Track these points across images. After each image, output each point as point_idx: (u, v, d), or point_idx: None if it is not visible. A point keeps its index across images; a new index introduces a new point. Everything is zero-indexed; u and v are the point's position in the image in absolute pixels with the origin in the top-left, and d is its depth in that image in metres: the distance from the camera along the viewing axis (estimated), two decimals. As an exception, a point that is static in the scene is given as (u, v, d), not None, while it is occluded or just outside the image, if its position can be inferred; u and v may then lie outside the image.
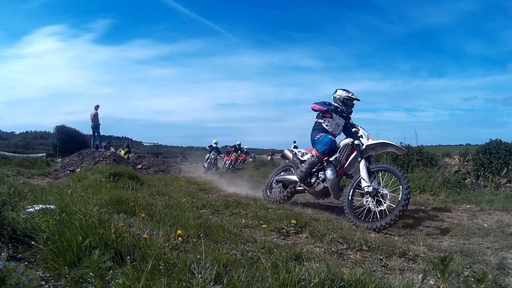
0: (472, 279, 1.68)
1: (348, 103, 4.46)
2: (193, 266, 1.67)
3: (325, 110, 4.45)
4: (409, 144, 8.13)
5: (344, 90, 4.50)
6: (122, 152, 14.16)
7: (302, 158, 4.75)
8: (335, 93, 4.57)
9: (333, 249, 2.66)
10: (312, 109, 4.51)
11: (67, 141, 24.38)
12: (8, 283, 1.27)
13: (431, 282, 2.04)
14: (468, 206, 5.22)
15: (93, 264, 1.51)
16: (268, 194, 5.14)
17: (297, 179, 4.57)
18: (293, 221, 3.23)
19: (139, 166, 12.62)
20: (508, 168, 6.51)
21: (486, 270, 2.32)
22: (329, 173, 4.24)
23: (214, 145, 14.30)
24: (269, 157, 20.03)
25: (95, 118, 12.56)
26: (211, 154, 13.82)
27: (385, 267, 2.38)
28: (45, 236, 1.82)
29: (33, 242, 1.79)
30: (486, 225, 4.02)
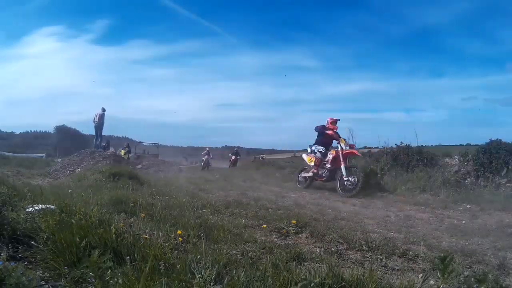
0: (473, 279, 1.68)
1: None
2: (193, 266, 1.66)
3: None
4: (409, 144, 8.12)
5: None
6: (122, 152, 14.18)
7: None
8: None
9: (333, 249, 2.65)
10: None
11: (67, 141, 24.40)
12: (8, 283, 1.27)
13: (431, 282, 2.04)
14: (468, 206, 5.22)
15: (93, 264, 1.50)
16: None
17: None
18: (293, 221, 3.23)
19: (139, 166, 12.63)
20: (508, 168, 6.50)
21: (486, 270, 2.32)
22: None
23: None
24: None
25: (101, 118, 12.50)
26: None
27: (385, 267, 2.38)
28: (45, 236, 1.82)
29: (33, 242, 1.79)
30: (486, 225, 4.02)
